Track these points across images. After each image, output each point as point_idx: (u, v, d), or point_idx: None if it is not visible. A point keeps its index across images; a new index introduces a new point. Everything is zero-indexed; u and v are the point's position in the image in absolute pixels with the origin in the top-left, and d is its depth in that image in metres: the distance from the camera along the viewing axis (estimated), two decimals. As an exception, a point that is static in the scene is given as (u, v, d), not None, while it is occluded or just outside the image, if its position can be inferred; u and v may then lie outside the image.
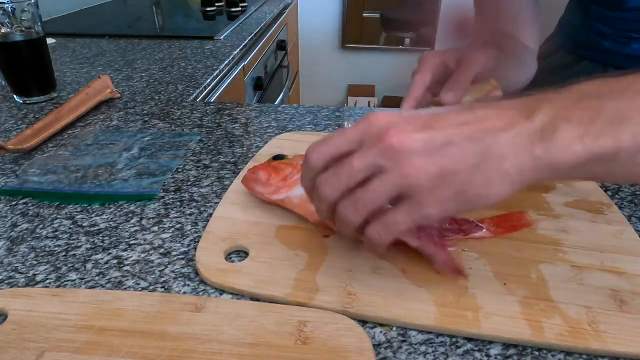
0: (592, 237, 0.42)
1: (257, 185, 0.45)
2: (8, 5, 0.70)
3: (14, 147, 0.57)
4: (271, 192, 0.44)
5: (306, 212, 0.42)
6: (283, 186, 0.44)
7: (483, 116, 0.29)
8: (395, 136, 0.29)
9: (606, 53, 0.69)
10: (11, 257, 0.41)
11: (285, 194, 0.43)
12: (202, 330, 0.32)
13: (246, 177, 0.46)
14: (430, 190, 0.29)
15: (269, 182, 0.44)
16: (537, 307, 0.34)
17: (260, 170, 0.46)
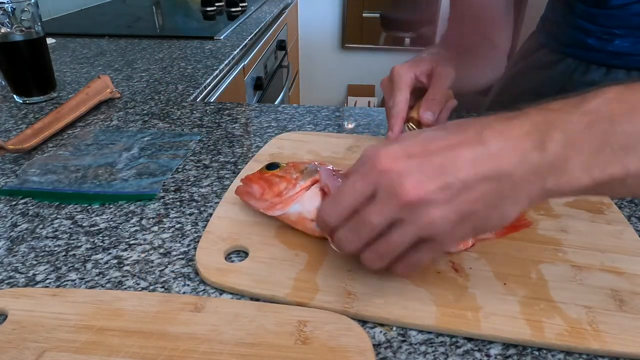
0: (592, 237, 0.42)
1: (250, 199, 0.43)
2: (8, 5, 0.70)
3: (14, 147, 0.57)
4: (266, 208, 0.42)
5: (305, 229, 0.41)
6: (278, 202, 0.41)
7: (497, 152, 0.29)
8: (412, 190, 0.28)
9: (590, 50, 0.69)
10: (11, 257, 0.41)
11: (282, 211, 0.41)
12: (202, 330, 0.32)
13: (239, 189, 0.45)
14: (451, 232, 0.30)
15: (263, 197, 0.42)
16: (537, 307, 0.34)
17: (254, 185, 0.43)
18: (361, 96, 2.58)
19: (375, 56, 2.54)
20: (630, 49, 0.66)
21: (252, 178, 0.44)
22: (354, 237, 0.32)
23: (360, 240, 0.31)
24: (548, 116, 0.29)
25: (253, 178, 0.44)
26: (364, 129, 0.66)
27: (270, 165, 0.45)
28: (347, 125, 0.67)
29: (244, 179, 0.45)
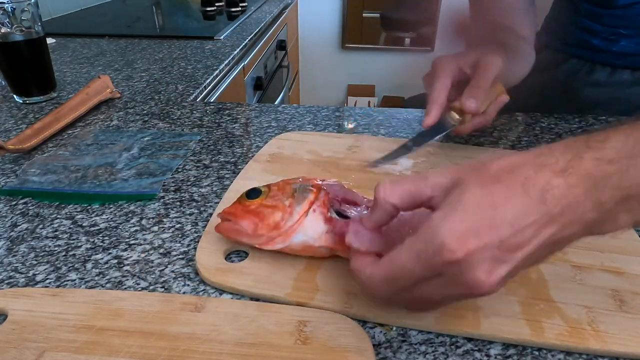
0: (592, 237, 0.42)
1: (240, 236, 0.38)
2: (8, 5, 0.70)
3: (14, 147, 0.57)
4: (263, 243, 0.38)
5: (313, 254, 0.38)
6: (277, 235, 0.37)
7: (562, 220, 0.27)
8: (485, 282, 0.26)
9: (595, 50, 0.69)
10: (11, 257, 0.41)
11: (283, 244, 0.38)
12: (202, 330, 0.32)
13: (222, 227, 0.39)
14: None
15: (256, 232, 0.37)
16: (537, 307, 0.34)
17: (242, 221, 0.38)
18: (361, 96, 2.58)
19: (375, 56, 2.54)
20: (635, 49, 0.66)
21: (235, 212, 0.39)
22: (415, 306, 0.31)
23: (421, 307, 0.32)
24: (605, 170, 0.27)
25: (237, 212, 0.38)
26: (364, 129, 0.66)
27: (251, 192, 0.40)
28: (347, 125, 0.67)
29: (225, 214, 0.39)
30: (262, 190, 0.40)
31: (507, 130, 0.64)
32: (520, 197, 0.27)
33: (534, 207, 0.27)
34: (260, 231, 0.37)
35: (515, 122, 0.67)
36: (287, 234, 0.37)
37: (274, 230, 0.37)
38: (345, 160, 0.55)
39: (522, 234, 0.27)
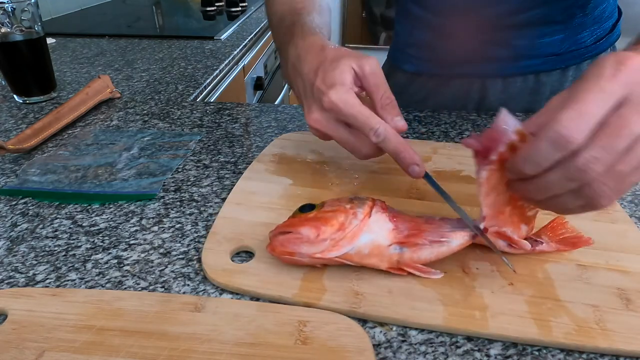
0: (597, 236, 0.42)
1: (301, 246, 0.36)
2: (8, 5, 0.70)
3: (14, 147, 0.57)
4: (327, 249, 0.36)
5: (380, 259, 0.36)
6: (342, 238, 0.36)
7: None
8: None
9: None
10: (11, 257, 0.41)
11: (350, 246, 0.36)
12: (202, 330, 0.32)
13: (281, 241, 0.37)
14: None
15: (319, 238, 0.36)
16: (544, 306, 0.34)
17: (302, 228, 0.36)
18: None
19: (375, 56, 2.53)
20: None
21: (293, 224, 0.37)
22: (607, 155, 0.27)
23: (612, 157, 0.27)
24: None
25: (295, 223, 0.37)
26: (364, 128, 0.66)
27: (304, 207, 0.39)
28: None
29: (281, 228, 0.38)
30: (316, 204, 0.39)
31: (508, 130, 0.64)
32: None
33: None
34: (323, 235, 0.36)
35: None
36: (353, 235, 0.36)
37: (339, 231, 0.36)
38: (348, 160, 0.55)
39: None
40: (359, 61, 0.43)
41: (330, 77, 0.42)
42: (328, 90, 0.41)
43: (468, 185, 0.50)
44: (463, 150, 0.57)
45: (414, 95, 0.76)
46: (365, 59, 0.44)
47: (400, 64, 0.78)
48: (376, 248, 0.36)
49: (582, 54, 0.68)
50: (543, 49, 0.66)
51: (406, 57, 0.77)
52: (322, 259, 0.36)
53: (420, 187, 0.50)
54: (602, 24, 0.68)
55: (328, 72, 0.42)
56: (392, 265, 0.36)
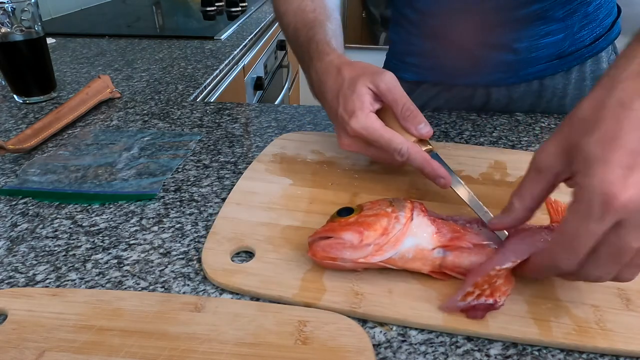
0: None
1: (344, 251, 0.35)
2: (8, 5, 0.70)
3: (14, 147, 0.57)
4: (370, 254, 0.35)
5: (423, 264, 0.36)
6: (386, 243, 0.35)
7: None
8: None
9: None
10: (11, 257, 0.41)
11: (394, 251, 0.35)
12: (202, 330, 0.32)
13: (322, 246, 0.36)
14: None
15: (363, 243, 0.35)
16: (544, 307, 0.34)
17: (345, 233, 0.36)
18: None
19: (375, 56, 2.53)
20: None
21: (334, 228, 0.37)
22: (615, 269, 0.30)
23: (618, 268, 0.30)
24: None
25: (336, 227, 0.37)
26: (364, 128, 0.66)
27: (342, 211, 0.38)
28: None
29: (321, 233, 0.37)
30: (354, 207, 0.38)
31: (507, 130, 0.64)
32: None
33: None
34: (367, 240, 0.35)
35: (515, 122, 0.67)
36: (397, 239, 0.35)
37: (383, 236, 0.35)
38: (349, 160, 0.55)
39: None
40: (374, 79, 0.45)
41: (350, 103, 0.44)
42: (350, 119, 0.44)
43: (468, 185, 0.50)
44: (463, 150, 0.57)
45: (415, 102, 0.75)
46: (379, 76, 0.45)
47: (400, 73, 0.76)
48: (420, 252, 0.36)
49: (583, 54, 0.67)
50: (545, 51, 0.66)
51: (406, 66, 0.75)
52: (366, 264, 0.36)
53: (420, 187, 0.50)
54: (601, 22, 0.68)
55: (348, 98, 0.45)
56: (434, 269, 0.36)
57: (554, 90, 0.69)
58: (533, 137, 0.62)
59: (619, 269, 0.30)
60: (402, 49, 0.76)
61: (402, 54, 0.76)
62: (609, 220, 0.28)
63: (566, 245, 0.30)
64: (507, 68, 0.68)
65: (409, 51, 0.74)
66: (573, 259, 0.30)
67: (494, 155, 0.56)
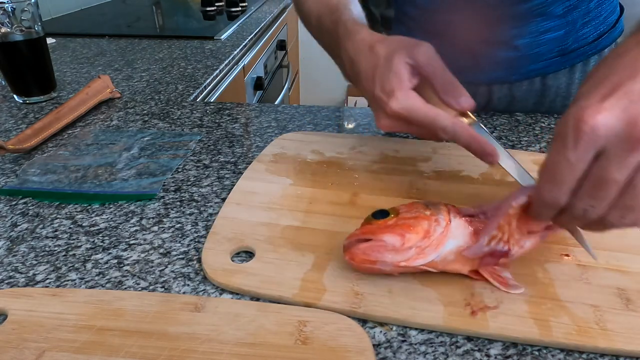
0: (597, 235, 0.42)
1: (386, 254, 0.34)
2: (8, 5, 0.70)
3: (14, 147, 0.57)
4: (412, 258, 0.34)
5: (463, 265, 0.36)
6: (428, 245, 0.35)
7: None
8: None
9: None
10: (11, 257, 0.41)
11: (436, 254, 0.35)
12: (202, 330, 0.32)
13: (363, 249, 0.35)
14: None
15: (405, 246, 0.34)
16: (544, 307, 0.34)
17: (387, 235, 0.35)
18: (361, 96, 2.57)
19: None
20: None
21: (373, 230, 0.36)
22: (599, 203, 0.30)
23: (607, 203, 0.30)
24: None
25: (375, 230, 0.36)
26: (364, 129, 0.66)
27: (377, 213, 0.37)
28: (348, 125, 0.67)
29: (359, 235, 0.36)
30: (389, 210, 0.37)
31: (507, 130, 0.64)
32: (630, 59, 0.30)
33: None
34: (408, 243, 0.34)
35: (515, 122, 0.67)
36: (439, 242, 0.35)
37: (425, 239, 0.35)
38: (349, 160, 0.55)
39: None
40: (411, 52, 0.42)
41: (387, 83, 0.42)
42: (389, 100, 0.41)
43: (468, 185, 0.50)
44: (463, 150, 0.57)
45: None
46: (417, 47, 0.43)
47: None
48: (458, 254, 0.36)
49: (586, 52, 0.67)
50: (546, 47, 0.66)
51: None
52: (407, 268, 0.35)
53: (420, 187, 0.50)
54: (605, 19, 0.67)
55: (385, 77, 0.42)
56: (473, 269, 0.36)
57: (557, 89, 0.69)
58: (533, 137, 0.62)
59: (607, 209, 0.30)
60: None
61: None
62: (584, 146, 0.28)
63: (549, 177, 0.31)
64: (508, 65, 0.67)
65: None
66: (556, 191, 0.30)
67: (494, 155, 0.56)
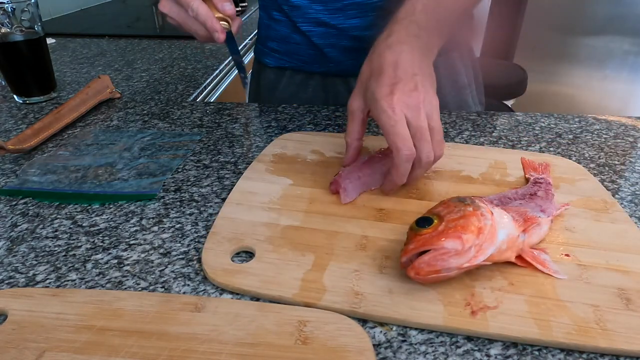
0: (597, 235, 0.42)
1: (449, 260, 0.34)
2: (8, 5, 0.70)
3: (14, 147, 0.57)
4: (474, 257, 0.34)
5: (512, 252, 0.37)
6: (484, 241, 0.35)
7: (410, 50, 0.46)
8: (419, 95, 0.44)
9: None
10: (11, 257, 0.41)
11: (493, 247, 0.35)
12: (202, 330, 0.32)
13: (427, 261, 0.34)
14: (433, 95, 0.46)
15: (465, 247, 0.34)
16: (544, 306, 0.34)
17: (447, 241, 0.34)
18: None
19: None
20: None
21: (429, 241, 0.35)
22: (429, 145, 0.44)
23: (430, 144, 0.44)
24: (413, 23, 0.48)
25: (430, 240, 0.35)
26: (364, 128, 0.66)
27: (421, 221, 0.36)
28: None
29: (412, 252, 0.35)
30: (430, 215, 0.37)
31: (507, 130, 0.64)
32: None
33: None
34: (468, 243, 0.34)
35: (515, 122, 0.67)
36: (492, 235, 0.35)
37: (480, 236, 0.35)
38: (347, 160, 0.55)
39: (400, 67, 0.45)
40: None
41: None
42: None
43: (468, 185, 0.50)
44: (463, 150, 0.57)
45: (283, 92, 0.79)
46: None
47: (263, 58, 0.80)
48: (511, 241, 0.37)
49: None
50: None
51: (267, 51, 0.79)
52: (470, 267, 0.35)
53: (420, 187, 0.50)
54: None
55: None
56: (518, 254, 0.38)
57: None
58: (533, 137, 0.62)
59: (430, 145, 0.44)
60: (264, 34, 0.79)
61: (264, 39, 0.79)
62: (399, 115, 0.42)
63: (397, 139, 0.43)
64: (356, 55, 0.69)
65: (270, 36, 0.77)
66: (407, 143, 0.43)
67: (494, 155, 0.56)
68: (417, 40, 0.47)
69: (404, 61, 0.45)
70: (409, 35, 0.47)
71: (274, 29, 0.76)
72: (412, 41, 0.47)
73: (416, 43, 0.47)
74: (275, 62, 0.78)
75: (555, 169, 0.53)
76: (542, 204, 0.44)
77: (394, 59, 0.45)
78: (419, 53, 0.47)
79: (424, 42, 0.48)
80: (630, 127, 0.66)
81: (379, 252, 0.40)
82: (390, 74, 0.44)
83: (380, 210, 0.46)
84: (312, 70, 0.75)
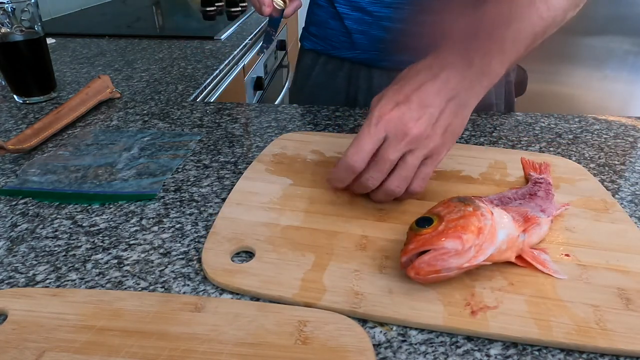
0: (597, 235, 0.42)
1: (449, 260, 0.34)
2: (8, 5, 0.70)
3: (14, 147, 0.57)
4: (474, 257, 0.34)
5: (512, 252, 0.37)
6: (484, 241, 0.35)
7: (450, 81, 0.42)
8: (414, 128, 0.41)
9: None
10: (11, 257, 0.41)
11: (493, 247, 0.35)
12: (202, 330, 0.32)
13: (427, 261, 0.34)
14: (443, 144, 0.43)
15: (465, 247, 0.34)
16: (544, 306, 0.34)
17: (447, 241, 0.34)
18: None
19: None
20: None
21: (429, 240, 0.35)
22: (378, 175, 0.42)
23: (383, 174, 0.42)
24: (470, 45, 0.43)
25: (430, 240, 0.35)
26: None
27: (421, 222, 0.36)
28: (348, 125, 0.67)
29: (412, 252, 0.35)
30: (430, 215, 0.37)
31: (507, 130, 0.64)
32: (421, 76, 0.43)
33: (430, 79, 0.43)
34: (468, 244, 0.34)
35: (515, 122, 0.67)
36: (492, 235, 0.35)
37: (480, 236, 0.35)
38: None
39: (426, 96, 0.42)
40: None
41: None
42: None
43: (468, 185, 0.50)
44: (463, 150, 0.57)
45: (316, 78, 0.81)
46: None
47: (303, 41, 0.84)
48: (511, 241, 0.37)
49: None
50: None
51: (307, 34, 0.83)
52: (469, 267, 0.35)
53: (420, 187, 0.50)
54: None
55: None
56: (518, 254, 0.38)
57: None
58: (533, 137, 0.62)
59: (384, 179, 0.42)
60: (308, 19, 0.82)
61: (308, 24, 0.82)
62: (378, 127, 0.41)
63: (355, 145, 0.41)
64: (381, 47, 0.71)
65: (312, 21, 0.81)
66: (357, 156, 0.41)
67: (494, 155, 0.56)
68: (464, 70, 0.42)
69: (427, 89, 0.41)
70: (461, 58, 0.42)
71: (315, 14, 0.79)
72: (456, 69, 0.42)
73: (461, 73, 0.42)
74: (311, 45, 0.81)
75: (555, 169, 0.53)
76: (542, 204, 0.44)
77: (421, 81, 0.42)
78: (456, 86, 0.42)
79: (475, 73, 0.42)
80: (630, 127, 0.66)
81: (379, 252, 0.40)
82: (405, 93, 0.41)
83: (380, 210, 0.46)
84: (341, 55, 0.77)
